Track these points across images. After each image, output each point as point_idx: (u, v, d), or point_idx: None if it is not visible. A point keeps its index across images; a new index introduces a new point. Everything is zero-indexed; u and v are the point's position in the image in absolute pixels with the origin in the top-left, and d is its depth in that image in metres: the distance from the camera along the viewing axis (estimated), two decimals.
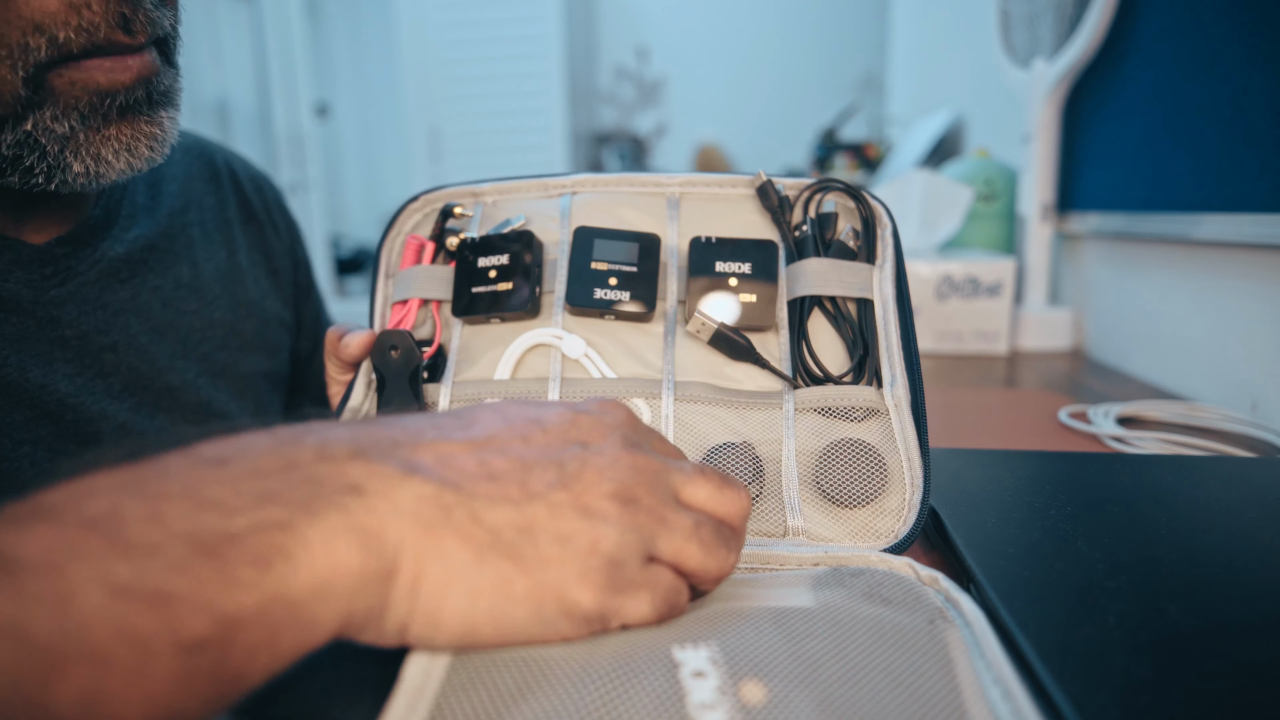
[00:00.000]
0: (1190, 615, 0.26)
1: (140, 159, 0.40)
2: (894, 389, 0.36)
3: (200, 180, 0.58)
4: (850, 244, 0.39)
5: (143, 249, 0.50)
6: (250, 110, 2.88)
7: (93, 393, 0.45)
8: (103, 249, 0.47)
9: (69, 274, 0.45)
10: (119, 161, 0.39)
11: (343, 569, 0.19)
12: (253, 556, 0.18)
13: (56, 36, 0.34)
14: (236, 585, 0.17)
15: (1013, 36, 0.97)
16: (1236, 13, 0.63)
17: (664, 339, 0.39)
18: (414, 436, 0.22)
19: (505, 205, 0.43)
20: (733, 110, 3.17)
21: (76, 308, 0.45)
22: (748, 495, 0.26)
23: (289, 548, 0.18)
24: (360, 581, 0.19)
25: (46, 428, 0.42)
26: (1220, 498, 0.38)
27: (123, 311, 0.48)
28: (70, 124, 0.37)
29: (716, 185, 0.41)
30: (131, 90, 0.38)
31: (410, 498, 0.20)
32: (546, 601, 0.21)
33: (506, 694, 0.20)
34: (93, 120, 0.38)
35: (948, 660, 0.22)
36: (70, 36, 0.35)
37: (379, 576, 0.19)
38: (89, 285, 0.46)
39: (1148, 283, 0.78)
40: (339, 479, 0.20)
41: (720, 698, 0.20)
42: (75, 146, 0.38)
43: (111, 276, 0.47)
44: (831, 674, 0.21)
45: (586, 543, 0.21)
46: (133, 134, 0.39)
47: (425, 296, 0.41)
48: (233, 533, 0.18)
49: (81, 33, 0.35)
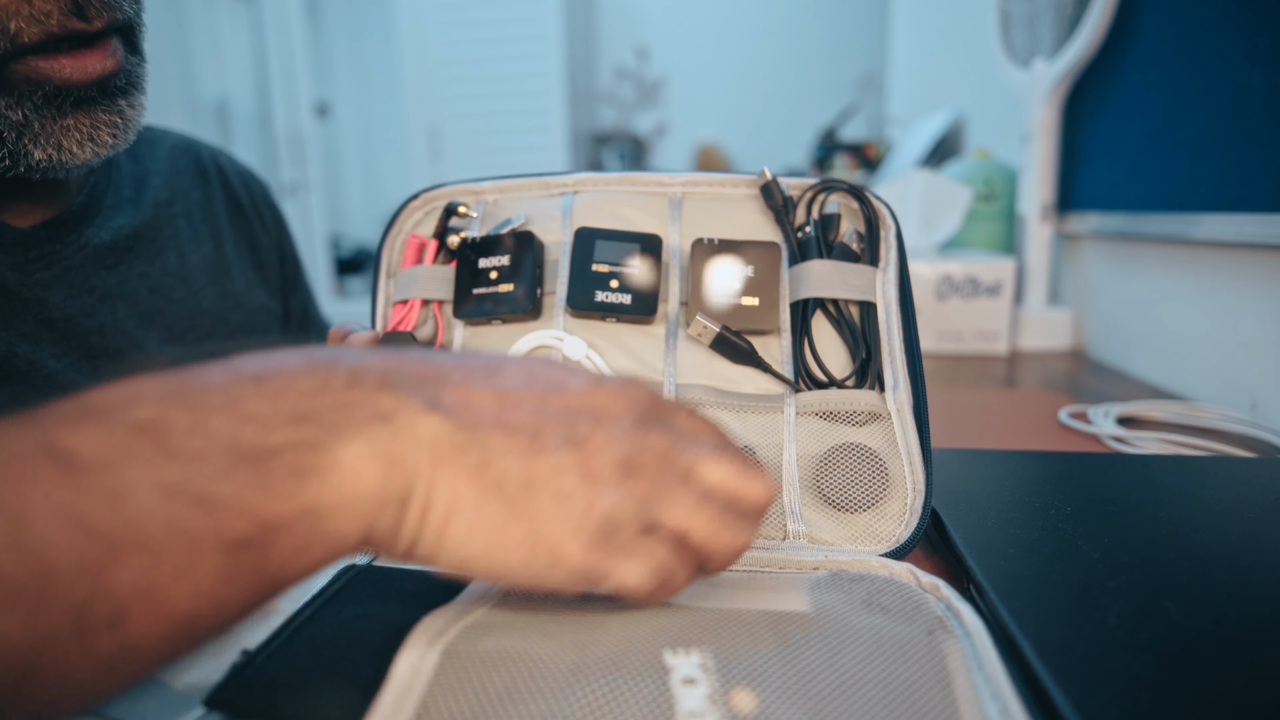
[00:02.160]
0: (1190, 615, 0.26)
1: (104, 146, 0.40)
2: (896, 393, 0.36)
3: (187, 175, 0.59)
4: (854, 246, 0.39)
5: (128, 237, 0.50)
6: (250, 110, 2.88)
7: (80, 373, 0.45)
8: (87, 235, 0.47)
9: (53, 258, 0.45)
10: (83, 151, 0.39)
11: (367, 490, 0.20)
12: (289, 470, 0.19)
13: (8, 28, 0.34)
14: (274, 495, 0.19)
15: (1013, 36, 0.97)
16: (1236, 12, 0.63)
17: (665, 341, 0.39)
18: (440, 375, 0.23)
19: (506, 204, 0.43)
20: (733, 110, 3.17)
21: (63, 291, 0.45)
22: (770, 484, 0.26)
23: (321, 466, 0.19)
24: (381, 502, 0.20)
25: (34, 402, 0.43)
26: (1220, 498, 0.38)
27: (110, 296, 0.48)
28: (24, 112, 0.37)
29: (719, 185, 0.41)
30: (87, 88, 0.38)
31: (429, 432, 0.21)
32: (539, 551, 0.21)
33: (494, 695, 0.20)
34: (47, 111, 0.38)
35: (945, 673, 0.22)
36: (22, 26, 0.34)
37: (396, 499, 0.20)
38: (74, 270, 0.46)
39: (1148, 283, 0.78)
40: (368, 406, 0.21)
41: (710, 706, 0.20)
42: (33, 135, 0.38)
43: (97, 262, 0.48)
44: (825, 685, 0.21)
45: (584, 503, 0.22)
46: (92, 123, 0.39)
47: (427, 297, 0.41)
48: (271, 446, 0.19)
49: (34, 22, 0.34)
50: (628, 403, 0.25)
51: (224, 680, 0.23)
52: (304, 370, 0.21)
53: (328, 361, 0.22)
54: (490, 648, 0.22)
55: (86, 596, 0.16)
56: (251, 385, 0.20)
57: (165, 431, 0.18)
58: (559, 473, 0.22)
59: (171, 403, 0.19)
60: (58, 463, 0.17)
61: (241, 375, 0.20)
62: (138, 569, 0.17)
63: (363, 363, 0.22)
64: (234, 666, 0.23)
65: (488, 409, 0.22)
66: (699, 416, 0.27)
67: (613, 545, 0.22)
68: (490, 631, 0.23)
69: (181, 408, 0.19)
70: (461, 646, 0.22)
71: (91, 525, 0.17)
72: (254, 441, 0.19)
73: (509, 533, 0.21)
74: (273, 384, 0.20)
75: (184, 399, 0.19)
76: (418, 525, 0.21)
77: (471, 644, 0.22)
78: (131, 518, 0.17)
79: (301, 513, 0.19)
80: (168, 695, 0.23)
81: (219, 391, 0.20)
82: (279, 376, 0.21)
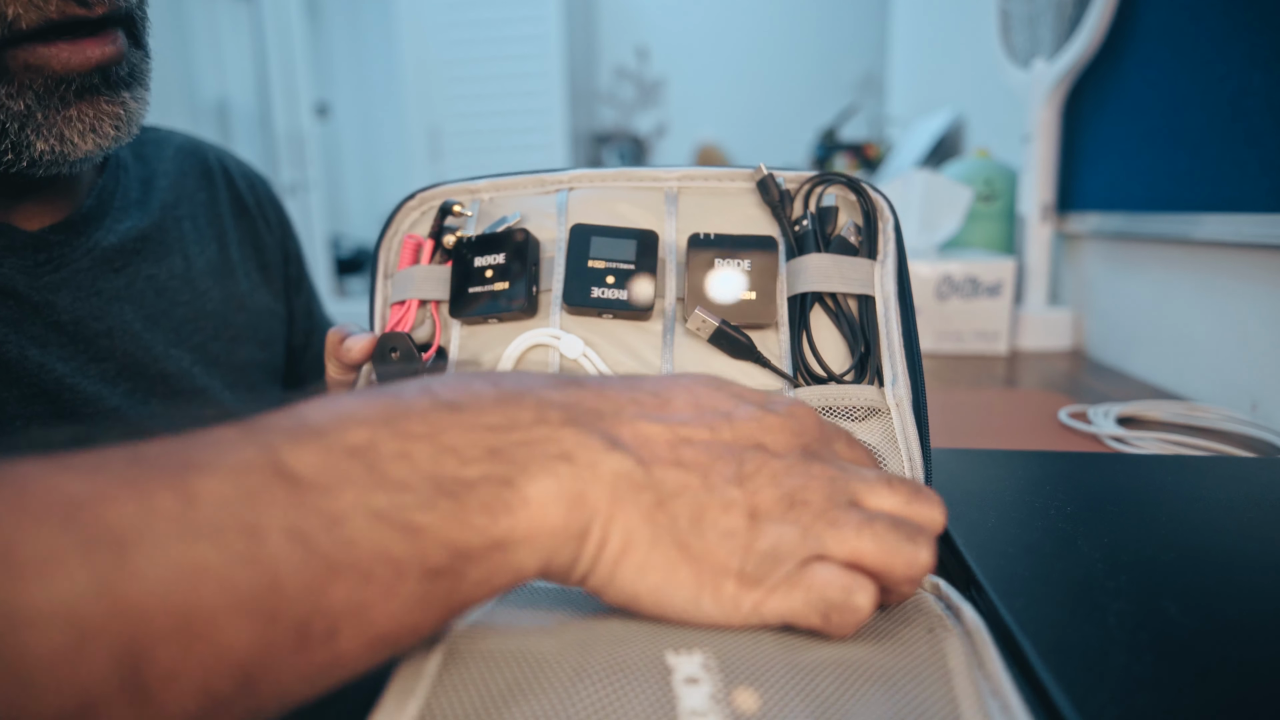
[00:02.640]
0: (1190, 615, 0.26)
1: (106, 138, 0.40)
2: (895, 388, 0.36)
3: (192, 176, 0.59)
4: (851, 240, 0.38)
5: (135, 239, 0.50)
6: (250, 110, 2.88)
7: (88, 376, 0.45)
8: (95, 238, 0.48)
9: (62, 261, 0.45)
10: (85, 142, 0.39)
11: (549, 526, 0.21)
12: (482, 505, 0.20)
13: (5, 13, 0.34)
14: (469, 527, 0.20)
15: (1013, 36, 0.97)
16: (1236, 13, 0.63)
17: (663, 337, 0.39)
18: (616, 411, 0.24)
19: (502, 202, 0.43)
20: (733, 110, 3.17)
21: (71, 294, 0.45)
22: (943, 507, 0.25)
23: (511, 502, 0.20)
24: (562, 539, 0.21)
25: (43, 405, 0.43)
26: (1220, 498, 0.37)
27: (117, 299, 0.48)
28: (26, 103, 0.37)
29: (715, 179, 0.41)
30: (88, 76, 0.38)
31: (610, 471, 0.22)
32: (704, 588, 0.22)
33: (497, 694, 0.20)
34: (49, 101, 0.37)
35: (946, 671, 0.22)
36: (20, 12, 0.34)
37: (576, 536, 0.21)
38: (82, 272, 0.46)
39: (1148, 283, 0.77)
40: (553, 444, 0.22)
41: (713, 705, 0.20)
42: (35, 126, 0.38)
43: (105, 265, 0.48)
44: (827, 684, 0.21)
45: (747, 540, 0.23)
46: (95, 114, 0.39)
47: (423, 297, 0.41)
48: (468, 480, 0.20)
49: (32, 8, 0.34)
50: (794, 433, 0.25)
51: None
52: (495, 402, 0.22)
53: (516, 394, 0.23)
54: (493, 647, 0.22)
55: (307, 612, 0.17)
56: (449, 415, 0.21)
57: (374, 458, 0.19)
58: (726, 511, 0.23)
59: (381, 428, 0.20)
60: (284, 481, 0.18)
61: (440, 402, 0.21)
62: (350, 589, 0.18)
63: (547, 397, 0.23)
64: None
65: (662, 446, 0.23)
66: (856, 442, 0.28)
67: (773, 580, 0.22)
68: (493, 631, 0.23)
69: (389, 434, 0.20)
70: (464, 646, 0.22)
71: (314, 545, 0.18)
72: (453, 474, 0.20)
73: (677, 571, 0.22)
74: (468, 415, 0.21)
75: (391, 425, 0.20)
76: (593, 560, 0.22)
77: (474, 644, 0.22)
78: (347, 540, 0.18)
79: (491, 545, 0.20)
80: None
81: (420, 419, 0.21)
82: (473, 407, 0.22)
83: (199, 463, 0.18)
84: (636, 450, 0.23)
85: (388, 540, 0.18)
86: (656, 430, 0.24)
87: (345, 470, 0.19)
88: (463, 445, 0.21)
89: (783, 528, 0.23)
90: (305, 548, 0.17)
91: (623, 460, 0.22)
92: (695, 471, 0.23)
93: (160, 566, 0.16)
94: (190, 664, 0.16)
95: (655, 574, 0.22)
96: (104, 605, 0.15)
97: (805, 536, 0.23)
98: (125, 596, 0.15)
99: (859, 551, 0.23)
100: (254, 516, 0.17)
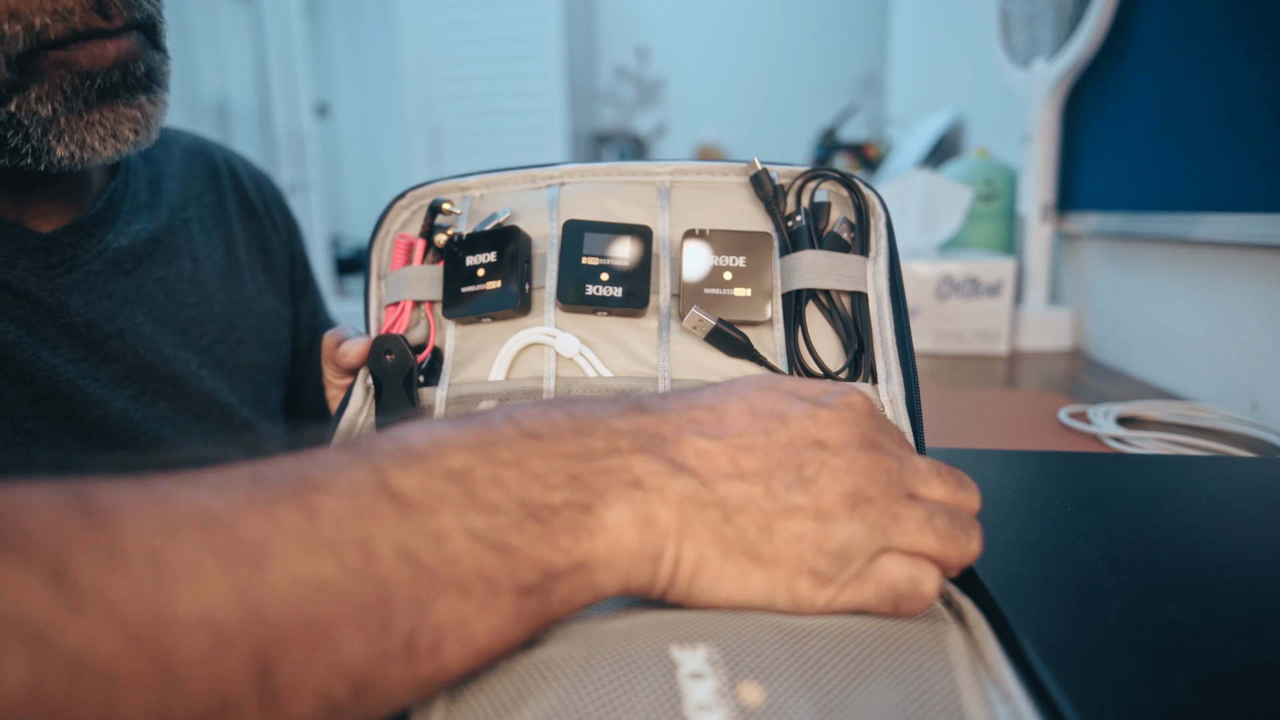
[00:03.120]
0: (1190, 615, 0.26)
1: (125, 143, 0.41)
2: (889, 385, 0.36)
3: (200, 178, 0.59)
4: (844, 236, 0.38)
5: (145, 242, 0.51)
6: (250, 110, 2.88)
7: (97, 378, 0.45)
8: (107, 240, 0.48)
9: (74, 263, 0.46)
10: (105, 148, 0.40)
11: (626, 549, 0.22)
12: (566, 527, 0.21)
13: (33, 23, 0.35)
14: (556, 549, 0.21)
15: (1013, 36, 0.97)
16: (1236, 13, 0.63)
17: (658, 335, 0.38)
18: (678, 432, 0.25)
19: (492, 198, 0.43)
20: (733, 110, 3.17)
21: (82, 295, 0.46)
22: (979, 494, 0.27)
23: (592, 527, 0.22)
24: (638, 560, 0.23)
25: (54, 406, 0.43)
26: (1220, 498, 0.37)
27: (127, 301, 0.48)
28: (54, 106, 0.38)
29: (708, 173, 0.41)
30: (109, 73, 0.38)
31: (677, 494, 0.23)
32: (778, 591, 0.24)
33: (507, 699, 0.20)
34: (75, 103, 0.38)
35: (948, 663, 0.22)
36: (47, 22, 0.35)
37: (651, 557, 0.23)
38: (94, 275, 0.47)
39: (1148, 283, 0.77)
40: (625, 472, 0.23)
41: (718, 699, 0.20)
42: (58, 131, 0.38)
43: (116, 267, 0.48)
44: (831, 676, 0.21)
45: (816, 541, 0.24)
46: (115, 118, 0.40)
47: (417, 298, 0.41)
48: (552, 505, 0.21)
49: (58, 19, 0.35)
50: (850, 427, 0.26)
51: None
52: (572, 431, 0.23)
53: (589, 423, 0.24)
54: None
55: (415, 625, 0.18)
56: (533, 443, 0.23)
57: (472, 482, 0.21)
58: (793, 515, 0.24)
59: (475, 453, 0.21)
60: (392, 500, 0.19)
61: (524, 431, 0.23)
62: (453, 604, 0.19)
63: (616, 426, 0.24)
64: None
65: (723, 461, 0.24)
66: (898, 430, 0.29)
67: (846, 575, 0.24)
68: None
69: (482, 459, 0.21)
70: None
71: (420, 561, 0.19)
72: (539, 499, 0.21)
73: (750, 578, 0.24)
74: (549, 444, 0.23)
75: (483, 451, 0.22)
76: (669, 577, 0.23)
77: None
78: (450, 558, 0.19)
79: (575, 566, 0.21)
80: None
81: (508, 447, 0.22)
82: (553, 436, 0.23)
83: (316, 482, 0.19)
84: (699, 470, 0.24)
85: (485, 559, 0.20)
86: (715, 446, 0.25)
87: (446, 492, 0.20)
88: (546, 472, 0.22)
89: (850, 525, 0.24)
90: (413, 564, 0.19)
91: (687, 482, 0.24)
92: (757, 481, 0.24)
93: (288, 578, 0.17)
94: (313, 671, 0.17)
95: (730, 584, 0.24)
96: (241, 613, 0.16)
97: (872, 532, 0.24)
98: (259, 605, 0.17)
99: (921, 544, 0.24)
100: (367, 533, 0.18)
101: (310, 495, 0.18)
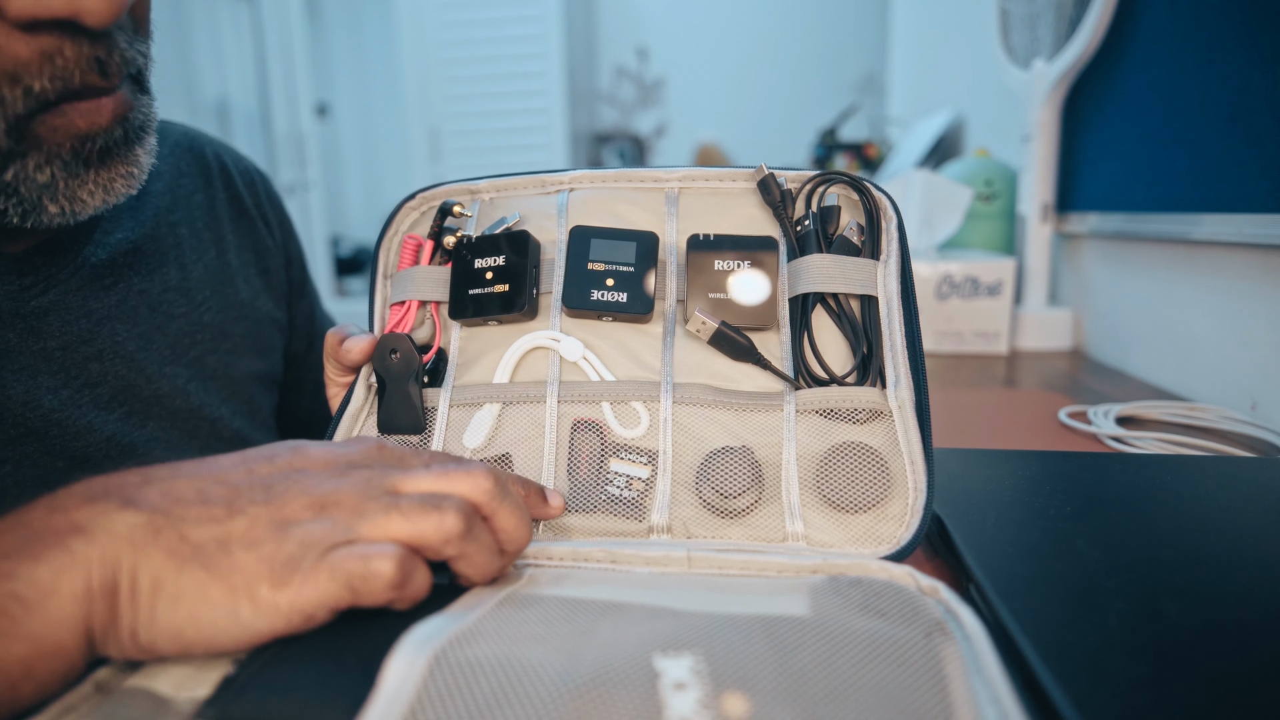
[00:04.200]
0: (1190, 615, 0.26)
1: (115, 195, 0.39)
2: (898, 390, 0.36)
3: (189, 177, 0.56)
4: (854, 239, 0.38)
5: (126, 252, 0.48)
6: (250, 110, 2.88)
7: (79, 405, 0.43)
8: (84, 254, 0.45)
9: (50, 282, 0.43)
10: (94, 200, 0.39)
11: (74, 594, 0.22)
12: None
13: (32, 87, 0.34)
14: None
15: (1013, 36, 0.97)
16: (1236, 13, 0.63)
17: (663, 340, 0.39)
18: (147, 474, 0.26)
19: (502, 203, 0.43)
20: (733, 110, 3.17)
21: (59, 317, 0.43)
22: (483, 476, 0.28)
23: (23, 594, 0.22)
24: (90, 603, 0.23)
25: (31, 445, 0.41)
26: (1220, 498, 0.37)
27: (108, 319, 0.46)
28: (53, 171, 0.36)
29: (716, 179, 0.41)
30: (110, 131, 0.37)
31: (125, 525, 0.24)
32: (240, 601, 0.23)
33: (483, 702, 0.20)
34: (74, 167, 0.37)
35: (941, 677, 0.22)
36: (45, 85, 0.34)
37: (104, 593, 0.23)
38: (71, 293, 0.44)
39: (1148, 283, 0.77)
40: (65, 524, 0.23)
41: (701, 711, 0.19)
42: (54, 193, 0.37)
43: (94, 283, 0.46)
44: (819, 689, 0.21)
45: (273, 545, 0.24)
46: (110, 176, 0.39)
47: (423, 298, 0.41)
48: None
49: (56, 80, 0.34)
50: (337, 457, 0.27)
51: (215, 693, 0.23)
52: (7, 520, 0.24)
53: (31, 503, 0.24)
54: (479, 654, 0.22)
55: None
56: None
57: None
58: (252, 526, 0.24)
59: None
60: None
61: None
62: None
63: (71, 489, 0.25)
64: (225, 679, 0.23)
65: (188, 491, 0.25)
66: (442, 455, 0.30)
67: (301, 573, 0.24)
68: (479, 638, 0.23)
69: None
70: (450, 653, 0.22)
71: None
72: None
73: (209, 591, 0.23)
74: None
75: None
76: (131, 610, 0.23)
77: (460, 651, 0.22)
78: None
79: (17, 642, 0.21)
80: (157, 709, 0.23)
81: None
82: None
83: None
84: (154, 501, 0.24)
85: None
86: (185, 483, 0.26)
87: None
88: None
89: (308, 526, 0.25)
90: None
91: (136, 514, 0.24)
92: (220, 503, 0.25)
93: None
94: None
95: (189, 600, 0.23)
96: None
97: (334, 528, 0.25)
98: None
99: (389, 529, 0.25)
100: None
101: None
